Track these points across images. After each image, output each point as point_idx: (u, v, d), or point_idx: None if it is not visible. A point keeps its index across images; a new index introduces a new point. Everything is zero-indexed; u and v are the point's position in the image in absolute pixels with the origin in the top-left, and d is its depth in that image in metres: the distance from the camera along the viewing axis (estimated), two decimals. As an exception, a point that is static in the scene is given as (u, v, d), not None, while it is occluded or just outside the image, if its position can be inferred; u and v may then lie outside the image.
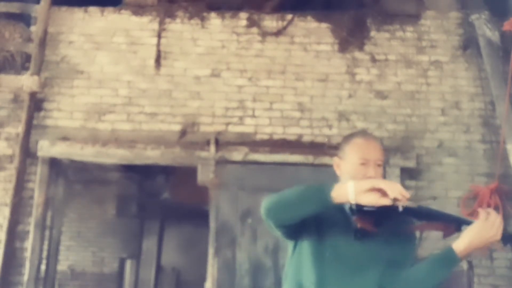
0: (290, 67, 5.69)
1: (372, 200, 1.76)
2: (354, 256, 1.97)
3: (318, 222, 1.98)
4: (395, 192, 1.74)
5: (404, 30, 5.81)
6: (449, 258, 1.92)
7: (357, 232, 1.96)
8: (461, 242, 1.89)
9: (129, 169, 6.68)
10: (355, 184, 1.78)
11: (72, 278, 8.23)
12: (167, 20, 5.81)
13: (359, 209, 1.87)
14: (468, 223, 1.94)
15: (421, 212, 1.92)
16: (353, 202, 1.78)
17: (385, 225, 1.92)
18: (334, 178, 2.08)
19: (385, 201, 1.76)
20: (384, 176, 2.07)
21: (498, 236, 1.85)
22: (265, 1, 5.98)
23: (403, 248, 2.01)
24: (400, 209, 1.84)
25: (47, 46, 5.68)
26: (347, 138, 2.14)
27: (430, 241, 5.19)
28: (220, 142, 5.43)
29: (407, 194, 1.74)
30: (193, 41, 5.78)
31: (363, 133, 2.23)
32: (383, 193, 1.76)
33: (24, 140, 5.34)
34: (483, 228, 1.86)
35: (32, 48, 5.61)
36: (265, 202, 1.95)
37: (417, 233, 2.12)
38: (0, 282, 5.07)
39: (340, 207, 2.00)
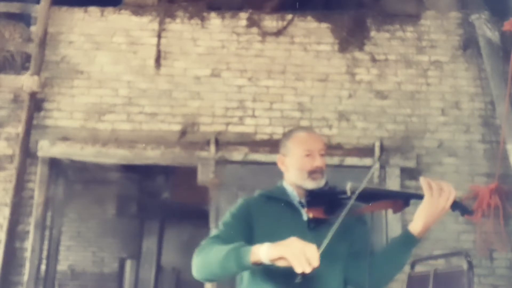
0: (290, 67, 5.69)
1: (283, 264, 1.72)
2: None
3: (265, 226, 2.01)
4: (301, 265, 1.67)
5: (404, 30, 5.81)
6: (408, 241, 1.93)
7: (310, 223, 2.00)
8: (417, 224, 1.90)
9: (129, 169, 6.68)
10: (267, 250, 1.75)
11: (72, 278, 8.23)
12: (167, 20, 5.81)
13: (308, 200, 1.96)
14: (415, 196, 1.96)
15: (369, 193, 1.94)
16: (267, 263, 1.75)
17: (337, 212, 1.90)
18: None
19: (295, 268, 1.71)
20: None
21: (448, 205, 1.85)
22: (265, 1, 5.98)
23: (360, 235, 2.04)
24: (349, 193, 1.91)
25: (47, 46, 5.68)
26: (287, 134, 2.21)
27: (430, 241, 5.21)
28: (220, 142, 5.43)
29: (315, 262, 1.66)
30: (193, 41, 5.78)
31: (301, 128, 2.38)
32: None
33: (24, 140, 5.34)
34: (432, 204, 1.85)
35: (32, 48, 5.61)
36: (193, 265, 1.97)
37: (369, 216, 2.12)
38: (0, 282, 5.07)
39: (288, 202, 2.08)
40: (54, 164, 5.51)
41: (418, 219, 1.89)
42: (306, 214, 2.00)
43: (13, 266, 5.22)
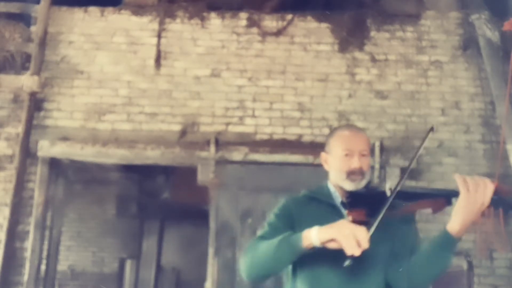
0: (290, 67, 5.69)
1: (334, 246, 1.76)
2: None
3: (306, 227, 1.95)
4: (351, 247, 1.71)
5: (404, 30, 5.81)
6: (447, 241, 1.86)
7: (356, 223, 1.94)
8: (454, 222, 1.84)
9: (129, 169, 6.68)
10: (317, 233, 1.79)
11: (72, 278, 8.23)
12: (167, 20, 5.81)
13: (350, 202, 1.91)
14: (456, 193, 1.91)
15: (410, 192, 1.92)
16: (318, 246, 1.79)
17: (378, 214, 1.89)
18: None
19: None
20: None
21: (487, 201, 1.79)
22: (265, 1, 5.98)
23: (402, 236, 1.99)
24: (388, 193, 1.87)
25: (47, 46, 5.68)
26: (332, 132, 2.18)
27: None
28: (220, 142, 5.43)
29: (365, 244, 1.70)
30: (193, 41, 5.78)
31: (347, 125, 2.33)
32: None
33: (24, 140, 5.34)
34: (469, 200, 1.80)
35: (32, 48, 5.61)
36: (242, 266, 1.96)
37: (414, 215, 2.08)
38: (0, 282, 5.07)
39: (329, 203, 2.05)
40: (54, 164, 5.51)
41: (456, 217, 1.83)
42: (347, 217, 1.94)
43: (13, 266, 5.22)
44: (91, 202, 7.98)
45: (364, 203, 1.89)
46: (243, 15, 5.85)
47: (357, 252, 1.70)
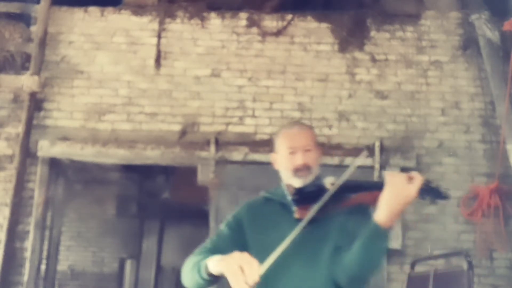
0: (290, 67, 5.69)
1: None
2: (303, 247, 1.92)
3: (257, 229, 2.00)
4: (238, 284, 1.66)
5: (404, 30, 5.81)
6: (375, 232, 1.79)
7: (299, 222, 1.92)
8: (380, 213, 1.78)
9: (129, 169, 6.68)
10: (214, 264, 1.79)
11: (72, 278, 8.23)
12: (167, 20, 5.81)
13: (297, 199, 1.92)
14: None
15: (354, 185, 1.90)
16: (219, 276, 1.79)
17: (326, 209, 1.88)
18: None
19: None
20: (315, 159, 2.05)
21: (414, 192, 1.75)
22: (265, 1, 5.98)
23: (349, 229, 1.93)
24: (328, 186, 1.87)
25: (47, 46, 5.68)
26: (277, 131, 2.19)
27: (430, 241, 5.21)
28: (220, 142, 5.43)
29: (252, 281, 1.64)
30: (193, 41, 5.78)
31: (291, 123, 2.26)
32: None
33: (24, 140, 5.34)
34: (393, 191, 1.76)
35: (32, 48, 5.62)
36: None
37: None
38: (0, 282, 5.07)
39: (282, 202, 2.04)
40: (54, 164, 5.51)
41: (381, 208, 1.78)
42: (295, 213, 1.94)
43: (13, 266, 5.22)
44: (91, 202, 7.98)
45: (311, 198, 1.88)
46: (243, 15, 5.84)
47: (251, 285, 1.66)
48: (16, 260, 5.24)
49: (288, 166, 2.04)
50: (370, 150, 5.39)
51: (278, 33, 5.78)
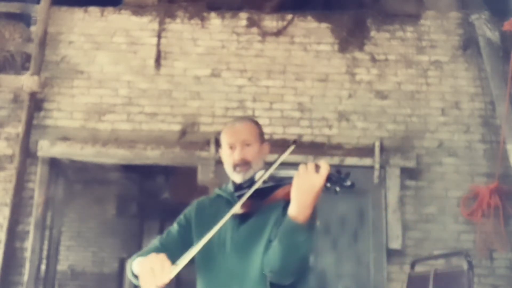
0: (290, 67, 5.69)
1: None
2: (239, 242, 1.96)
3: (201, 226, 2.01)
4: (147, 286, 1.72)
5: (404, 30, 5.81)
6: (288, 225, 1.75)
7: (237, 218, 1.95)
8: (291, 206, 1.74)
9: (129, 169, 6.67)
10: (135, 265, 1.88)
11: (72, 278, 8.23)
12: (167, 20, 5.81)
13: (239, 195, 1.90)
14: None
15: (278, 180, 1.87)
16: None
17: (256, 203, 1.89)
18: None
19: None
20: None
21: (320, 180, 1.69)
22: (265, 1, 5.98)
23: (279, 224, 1.89)
24: (257, 181, 1.86)
25: (47, 46, 5.68)
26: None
27: (430, 241, 5.21)
28: (220, 142, 5.42)
29: (161, 282, 1.68)
30: (193, 41, 5.78)
31: (235, 119, 2.25)
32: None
33: (24, 140, 5.34)
34: (299, 182, 1.71)
35: (32, 48, 5.61)
36: None
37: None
38: (0, 282, 5.07)
39: (228, 200, 2.05)
40: (54, 164, 5.51)
41: (292, 201, 1.74)
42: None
43: (13, 266, 5.22)
44: (91, 202, 7.98)
45: (252, 195, 1.85)
46: (243, 15, 5.84)
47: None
48: (16, 260, 5.24)
49: (229, 161, 2.06)
50: (370, 150, 5.39)
51: (278, 33, 5.78)
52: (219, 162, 5.36)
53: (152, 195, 7.82)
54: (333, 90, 5.64)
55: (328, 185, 1.71)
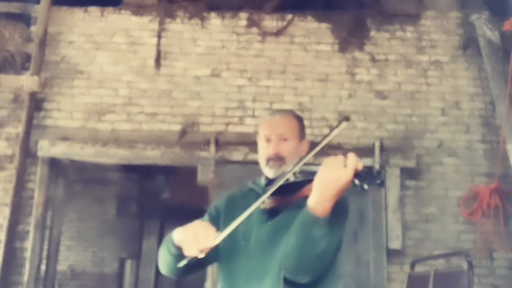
0: (290, 67, 5.69)
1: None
2: (263, 238, 1.88)
3: (230, 220, 1.84)
4: (190, 248, 1.67)
5: (404, 30, 5.81)
6: (305, 216, 1.65)
7: (265, 214, 1.89)
8: (311, 196, 1.62)
9: (129, 169, 6.68)
10: (176, 233, 1.79)
11: (72, 278, 8.22)
12: (167, 20, 5.81)
13: (269, 190, 1.80)
14: None
15: (310, 174, 1.74)
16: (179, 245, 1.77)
17: (284, 199, 1.82)
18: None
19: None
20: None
21: (347, 175, 1.57)
22: (265, 1, 5.98)
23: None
24: (291, 179, 1.76)
25: (47, 46, 5.68)
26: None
27: (430, 241, 5.21)
28: (220, 142, 5.43)
29: (204, 245, 1.63)
30: (193, 41, 5.78)
31: (276, 111, 2.17)
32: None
33: (24, 140, 5.34)
34: (324, 174, 1.59)
35: (32, 48, 5.61)
36: None
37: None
38: (0, 282, 5.07)
39: (259, 194, 1.93)
40: (54, 164, 5.51)
41: (313, 191, 1.63)
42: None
43: (13, 266, 5.22)
44: (91, 202, 7.98)
45: (282, 190, 1.77)
46: (243, 15, 5.84)
47: (195, 254, 1.65)
48: (16, 260, 5.24)
49: (263, 155, 2.00)
50: (370, 150, 5.39)
51: (278, 33, 5.78)
52: (219, 162, 5.37)
53: (152, 195, 7.82)
54: (333, 90, 5.64)
55: (356, 181, 1.59)
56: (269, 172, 1.95)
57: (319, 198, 1.61)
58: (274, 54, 5.73)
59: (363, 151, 5.37)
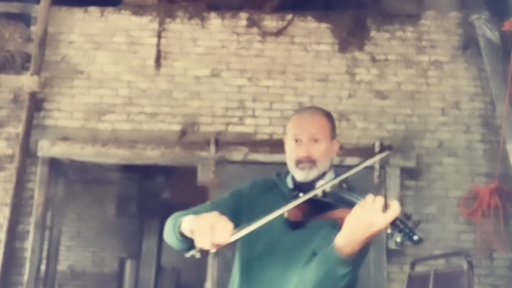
0: (290, 67, 5.69)
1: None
2: (286, 248, 1.81)
3: (252, 214, 1.79)
4: (202, 240, 1.54)
5: (404, 30, 5.81)
6: (330, 255, 1.57)
7: (287, 222, 1.76)
8: (340, 235, 1.53)
9: (129, 169, 6.67)
10: (188, 220, 1.67)
11: (72, 278, 8.23)
12: (167, 20, 5.81)
13: (296, 194, 1.71)
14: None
15: (338, 198, 1.66)
16: (188, 235, 1.67)
17: (314, 212, 1.71)
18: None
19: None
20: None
21: (384, 223, 1.45)
22: (265, 1, 5.98)
23: (324, 239, 1.72)
24: (320, 195, 1.65)
25: (47, 46, 5.68)
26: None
27: (430, 241, 5.21)
28: (220, 142, 5.43)
29: (219, 240, 1.52)
30: (193, 41, 5.78)
31: (304, 108, 2.11)
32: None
33: (24, 140, 5.34)
34: (359, 215, 1.48)
35: (32, 48, 5.61)
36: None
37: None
38: (0, 282, 5.07)
39: (283, 193, 1.87)
40: (54, 164, 5.51)
41: (343, 230, 1.53)
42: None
43: (13, 266, 5.22)
44: (91, 202, 7.98)
45: (310, 203, 1.67)
46: (243, 15, 5.84)
47: (207, 247, 1.54)
48: (16, 260, 5.24)
49: (292, 156, 1.85)
50: (370, 150, 5.39)
51: (278, 33, 5.78)
52: (219, 162, 5.37)
53: (152, 195, 7.82)
54: (333, 90, 5.64)
55: (389, 231, 1.47)
56: (299, 174, 1.83)
57: (349, 240, 1.51)
58: (274, 54, 5.73)
59: (363, 151, 5.37)
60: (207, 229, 1.54)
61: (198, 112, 5.58)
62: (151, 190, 7.78)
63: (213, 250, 1.56)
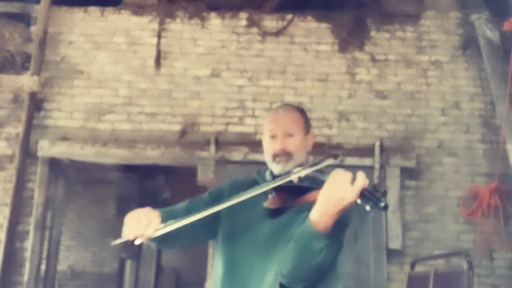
0: (290, 67, 5.69)
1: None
2: (266, 236, 1.87)
3: (231, 210, 1.87)
4: (126, 232, 1.73)
5: (404, 30, 5.81)
6: (305, 231, 1.64)
7: (267, 211, 1.84)
8: (313, 212, 1.61)
9: (129, 169, 6.68)
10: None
11: (72, 278, 8.22)
12: (167, 20, 5.81)
13: (275, 188, 1.78)
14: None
15: (313, 182, 1.74)
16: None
17: (293, 199, 1.78)
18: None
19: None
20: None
21: (352, 195, 1.54)
22: (265, 1, 5.98)
23: (303, 222, 1.75)
24: (295, 181, 1.75)
25: (47, 46, 5.68)
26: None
27: (430, 241, 5.21)
28: (220, 142, 5.43)
29: (143, 233, 1.70)
30: (193, 41, 5.78)
31: (279, 106, 2.14)
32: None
33: (24, 140, 5.34)
34: (330, 189, 1.57)
35: (32, 48, 5.61)
36: None
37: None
38: (0, 282, 5.07)
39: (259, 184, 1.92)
40: (54, 164, 5.51)
41: (316, 205, 1.61)
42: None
43: (13, 266, 5.22)
44: (91, 202, 7.98)
45: (289, 188, 1.75)
46: (243, 15, 5.85)
47: (130, 238, 1.70)
48: (16, 260, 5.24)
49: (268, 150, 1.95)
50: (370, 150, 5.39)
51: (278, 33, 5.78)
52: (219, 162, 5.37)
53: (152, 195, 7.82)
54: (333, 90, 5.64)
55: (359, 201, 1.56)
56: (276, 168, 1.92)
57: (322, 213, 1.60)
58: (274, 54, 5.73)
59: (363, 151, 5.38)
60: (133, 222, 1.72)
61: (198, 112, 5.58)
62: (151, 190, 7.79)
63: (137, 242, 1.72)
